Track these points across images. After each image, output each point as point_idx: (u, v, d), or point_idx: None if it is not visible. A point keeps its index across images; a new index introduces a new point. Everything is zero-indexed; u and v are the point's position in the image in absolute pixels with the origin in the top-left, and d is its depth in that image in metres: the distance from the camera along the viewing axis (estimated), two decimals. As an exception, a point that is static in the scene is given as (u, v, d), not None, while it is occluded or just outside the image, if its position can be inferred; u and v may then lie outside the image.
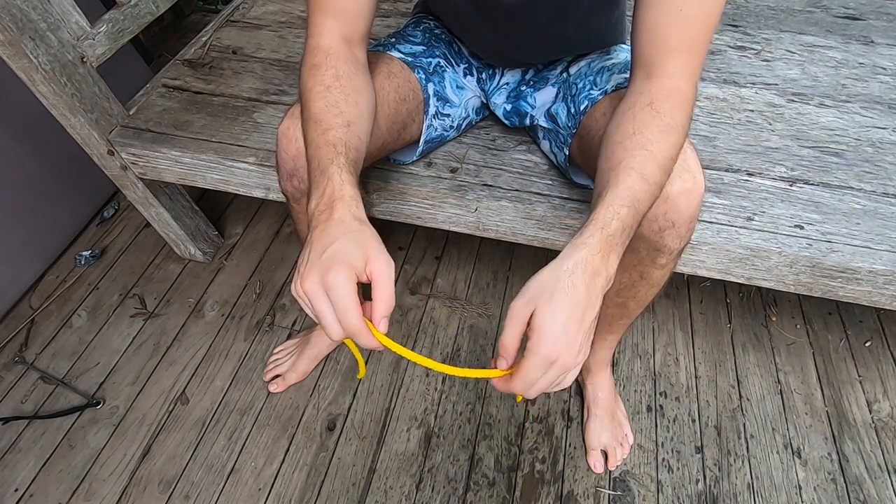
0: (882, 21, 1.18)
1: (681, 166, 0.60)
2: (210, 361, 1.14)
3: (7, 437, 1.04)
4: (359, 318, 0.45)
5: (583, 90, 0.76)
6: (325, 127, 0.56)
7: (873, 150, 0.92)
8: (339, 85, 0.60)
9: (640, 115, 0.56)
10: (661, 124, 0.55)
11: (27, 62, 0.83)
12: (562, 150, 0.81)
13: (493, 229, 0.90)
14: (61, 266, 1.31)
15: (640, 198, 0.52)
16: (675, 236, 0.64)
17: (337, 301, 0.45)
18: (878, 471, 0.97)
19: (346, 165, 0.53)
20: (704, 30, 0.56)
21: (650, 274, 0.71)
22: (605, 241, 0.48)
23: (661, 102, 0.56)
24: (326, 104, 0.58)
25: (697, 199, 0.62)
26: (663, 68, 0.57)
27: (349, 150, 0.55)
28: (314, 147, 0.56)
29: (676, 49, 0.56)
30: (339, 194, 0.50)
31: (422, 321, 1.19)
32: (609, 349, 0.96)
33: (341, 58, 0.62)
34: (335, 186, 0.51)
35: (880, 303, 0.82)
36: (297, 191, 0.76)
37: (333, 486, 0.97)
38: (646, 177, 0.52)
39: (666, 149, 0.54)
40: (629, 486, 0.96)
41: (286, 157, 0.71)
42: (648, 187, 0.52)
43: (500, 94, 0.89)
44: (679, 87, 0.57)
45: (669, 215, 0.62)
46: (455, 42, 0.88)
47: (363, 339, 0.46)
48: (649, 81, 0.58)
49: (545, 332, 0.45)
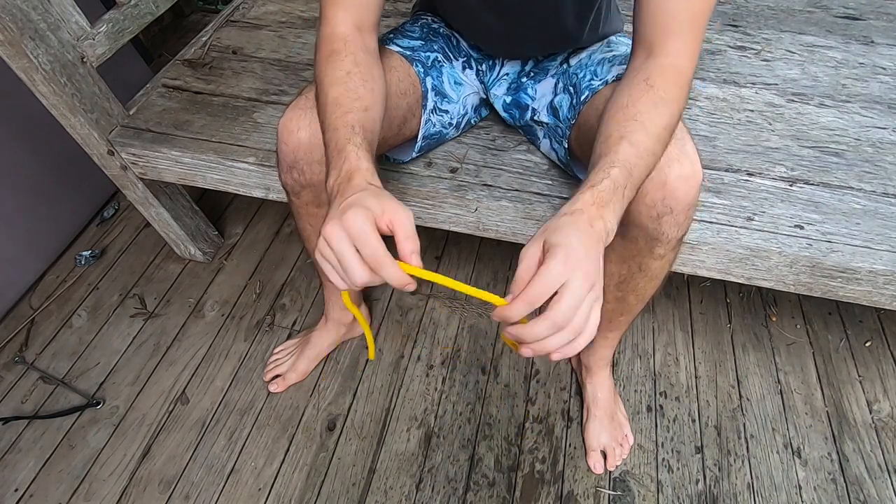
0: (882, 21, 1.18)
1: (679, 152, 0.61)
2: (210, 361, 1.14)
3: (7, 437, 1.04)
4: (380, 247, 0.44)
5: (584, 80, 0.76)
6: (345, 110, 0.57)
7: (873, 150, 0.92)
8: (359, 71, 0.61)
9: (634, 90, 0.58)
10: (653, 97, 0.57)
11: (27, 62, 0.83)
12: (561, 145, 0.81)
13: (493, 229, 0.90)
14: (61, 266, 1.31)
15: (631, 161, 0.53)
16: (674, 223, 0.64)
17: (357, 235, 0.44)
18: (878, 471, 0.97)
19: (363, 144, 0.54)
20: (703, 10, 0.58)
21: (648, 265, 0.72)
22: (596, 195, 0.49)
23: (655, 77, 0.58)
24: (346, 89, 0.59)
25: (696, 186, 0.62)
26: (663, 47, 0.59)
27: (366, 131, 0.56)
28: (332, 129, 0.57)
29: (677, 30, 0.58)
30: (355, 168, 0.51)
31: (422, 321, 1.19)
32: (609, 348, 0.96)
33: (358, 45, 0.64)
34: (352, 162, 0.52)
35: (880, 303, 0.82)
36: (297, 184, 0.76)
37: (333, 486, 0.97)
38: (635, 143, 0.54)
39: (656, 118, 0.56)
40: (629, 487, 0.96)
41: (286, 149, 0.72)
42: (638, 152, 0.54)
43: (500, 85, 0.89)
44: (676, 63, 0.59)
45: (668, 201, 0.62)
46: (454, 36, 0.88)
47: (387, 271, 0.45)
48: (648, 60, 0.60)
49: (559, 246, 0.44)
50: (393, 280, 0.45)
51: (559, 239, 0.45)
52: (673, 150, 0.61)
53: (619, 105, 0.58)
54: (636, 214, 0.65)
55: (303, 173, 0.73)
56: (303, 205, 0.80)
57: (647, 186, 0.62)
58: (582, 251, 0.44)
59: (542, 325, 0.44)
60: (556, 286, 0.43)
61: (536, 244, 0.46)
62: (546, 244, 0.46)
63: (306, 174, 0.74)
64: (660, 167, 0.60)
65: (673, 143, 0.61)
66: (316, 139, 0.70)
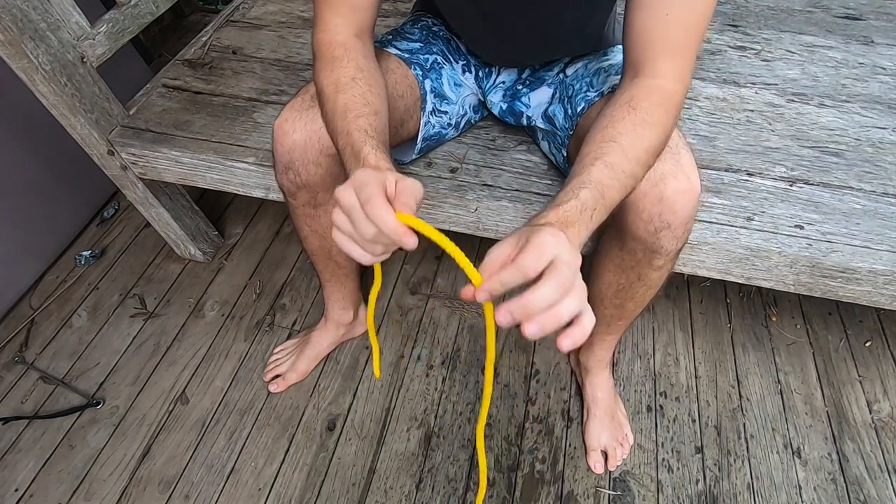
0: (882, 21, 1.18)
1: (675, 167, 0.61)
2: (210, 361, 1.14)
3: (7, 437, 1.04)
4: (383, 201, 0.44)
5: (579, 91, 0.76)
6: (356, 115, 0.57)
7: (873, 150, 0.92)
8: (363, 76, 0.61)
9: (617, 111, 0.57)
10: (634, 119, 0.55)
11: (27, 62, 0.83)
12: (560, 152, 0.81)
13: (493, 229, 0.90)
14: (61, 266, 1.31)
15: (605, 183, 0.51)
16: (672, 237, 0.64)
17: (360, 188, 0.44)
18: (878, 471, 0.97)
19: (378, 146, 0.54)
20: (692, 33, 0.56)
21: (647, 275, 0.72)
22: (561, 215, 0.47)
23: (640, 100, 0.57)
24: (354, 94, 0.59)
25: (693, 200, 0.62)
26: (651, 69, 0.58)
27: (378, 133, 0.56)
28: (345, 134, 0.56)
29: (663, 52, 0.57)
30: (373, 163, 0.50)
31: (422, 321, 1.19)
32: (608, 350, 0.96)
33: (358, 51, 0.64)
34: (370, 160, 0.51)
35: (880, 303, 0.82)
36: (293, 184, 0.76)
37: (333, 486, 0.97)
38: (609, 164, 0.52)
39: (636, 141, 0.54)
40: (629, 486, 0.96)
41: (282, 149, 0.72)
42: (612, 173, 0.52)
43: (497, 92, 0.89)
44: (663, 86, 0.57)
45: (665, 216, 0.62)
46: (453, 39, 0.88)
47: (383, 218, 0.43)
48: (635, 80, 0.59)
49: (542, 231, 0.42)
50: (388, 228, 0.43)
51: (536, 237, 0.42)
52: (668, 165, 0.60)
53: (599, 125, 0.57)
54: (634, 228, 0.65)
55: (298, 174, 0.73)
56: (299, 206, 0.80)
57: (644, 202, 0.61)
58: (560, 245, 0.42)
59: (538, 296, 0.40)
60: (549, 253, 0.41)
61: (508, 241, 0.44)
62: (522, 240, 0.43)
63: (302, 175, 0.74)
64: (655, 183, 0.60)
65: (667, 157, 0.60)
66: (311, 140, 0.70)
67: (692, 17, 0.55)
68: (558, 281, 0.39)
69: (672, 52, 0.57)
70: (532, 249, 0.41)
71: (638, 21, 0.57)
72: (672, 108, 0.57)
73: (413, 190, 0.45)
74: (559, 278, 0.40)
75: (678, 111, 0.58)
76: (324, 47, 0.64)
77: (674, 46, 0.57)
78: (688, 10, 0.55)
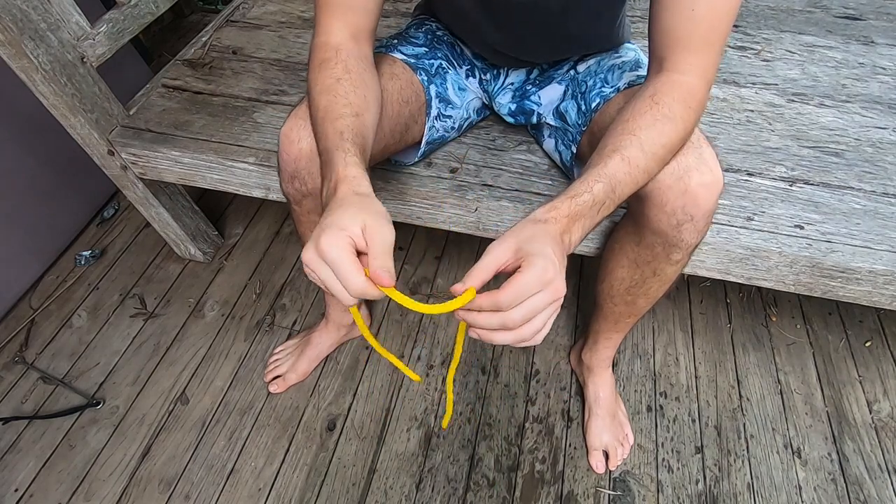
0: (882, 21, 1.18)
1: (698, 160, 0.61)
2: (210, 361, 1.14)
3: (7, 437, 1.04)
4: (355, 271, 0.44)
5: (594, 87, 0.76)
6: (334, 117, 0.57)
7: (873, 150, 0.92)
8: (349, 78, 0.61)
9: (639, 105, 0.57)
10: (655, 113, 0.56)
11: (27, 62, 0.83)
12: (568, 148, 0.81)
13: (493, 229, 0.90)
14: (61, 266, 1.31)
15: (618, 178, 0.53)
16: (693, 230, 0.64)
17: (333, 261, 0.45)
18: (878, 471, 0.97)
19: (352, 149, 0.54)
20: (717, 28, 0.56)
21: (663, 270, 0.72)
22: (573, 208, 0.50)
23: (662, 94, 0.57)
24: (335, 95, 0.59)
25: (716, 193, 0.62)
26: (675, 64, 0.58)
27: (356, 136, 0.56)
28: (322, 138, 0.56)
29: (687, 47, 0.57)
30: (342, 176, 0.51)
31: (422, 321, 1.19)
32: (612, 349, 0.96)
33: (351, 54, 0.63)
34: (339, 170, 0.52)
35: (880, 303, 0.82)
36: (299, 193, 0.75)
37: (333, 486, 0.97)
38: (627, 158, 0.54)
39: (654, 136, 0.55)
40: (629, 486, 0.96)
41: (288, 158, 0.71)
42: (629, 169, 0.53)
43: (505, 94, 0.88)
44: (686, 81, 0.58)
45: (688, 209, 0.62)
46: (457, 44, 0.87)
47: (369, 292, 0.45)
48: (659, 75, 0.59)
49: (538, 256, 0.45)
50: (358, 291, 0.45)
51: (536, 249, 0.45)
52: (691, 158, 0.60)
53: (621, 118, 0.57)
54: (656, 222, 0.64)
55: (304, 183, 0.73)
56: (304, 213, 0.80)
57: (667, 195, 0.61)
58: (557, 267, 0.45)
59: (493, 319, 0.45)
60: (528, 296, 0.44)
61: (508, 246, 0.47)
62: (521, 251, 0.46)
63: (308, 184, 0.73)
64: (679, 176, 0.60)
65: (690, 151, 0.60)
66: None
67: (718, 14, 0.56)
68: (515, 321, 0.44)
69: (696, 48, 0.57)
70: (514, 289, 0.44)
71: (663, 16, 0.58)
72: (694, 103, 0.58)
73: (382, 251, 0.46)
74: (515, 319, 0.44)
75: (701, 108, 0.59)
76: (315, 50, 0.64)
77: (698, 42, 0.57)
78: (714, 7, 0.55)
